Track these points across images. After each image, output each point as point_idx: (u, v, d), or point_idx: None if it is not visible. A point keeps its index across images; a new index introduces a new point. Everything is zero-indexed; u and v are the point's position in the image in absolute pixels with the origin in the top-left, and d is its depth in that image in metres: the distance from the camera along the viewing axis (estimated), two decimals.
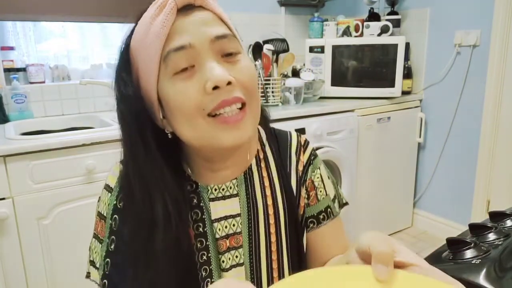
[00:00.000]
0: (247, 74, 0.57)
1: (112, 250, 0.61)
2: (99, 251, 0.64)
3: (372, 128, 2.33)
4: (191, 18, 0.55)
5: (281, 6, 2.61)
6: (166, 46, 0.54)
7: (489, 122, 2.26)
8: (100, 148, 1.58)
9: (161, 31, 0.53)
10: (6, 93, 1.87)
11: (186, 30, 0.54)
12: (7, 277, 1.48)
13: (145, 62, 0.56)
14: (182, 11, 0.55)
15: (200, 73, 0.54)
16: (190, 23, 0.54)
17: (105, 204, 0.65)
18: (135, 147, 0.58)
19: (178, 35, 0.54)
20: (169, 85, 0.55)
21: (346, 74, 2.45)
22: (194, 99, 0.53)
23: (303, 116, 2.07)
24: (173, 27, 0.54)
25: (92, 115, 2.06)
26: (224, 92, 0.53)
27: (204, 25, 0.55)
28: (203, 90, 0.53)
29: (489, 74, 2.22)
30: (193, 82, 0.54)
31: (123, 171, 0.62)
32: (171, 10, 0.53)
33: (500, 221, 0.89)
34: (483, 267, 0.73)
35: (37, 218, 1.51)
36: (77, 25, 2.23)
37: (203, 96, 0.53)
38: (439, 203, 2.62)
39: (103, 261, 0.62)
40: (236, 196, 0.66)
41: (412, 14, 2.57)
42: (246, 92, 0.56)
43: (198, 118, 0.54)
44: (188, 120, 0.55)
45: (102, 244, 0.63)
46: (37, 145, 1.46)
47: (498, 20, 2.14)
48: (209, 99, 0.53)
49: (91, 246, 0.66)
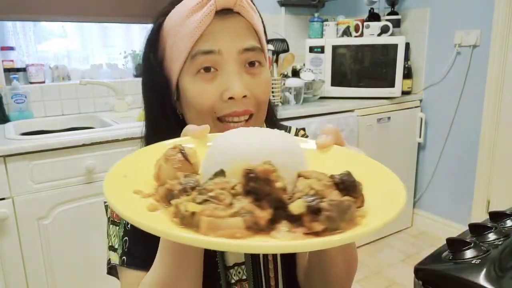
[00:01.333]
0: (263, 89, 0.61)
1: (129, 228, 0.63)
2: (117, 233, 0.65)
3: (372, 128, 2.33)
4: (226, 24, 0.57)
5: (281, 6, 2.61)
6: (196, 46, 0.57)
7: (489, 122, 2.26)
8: (100, 148, 1.58)
9: (195, 31, 0.56)
10: (6, 93, 1.87)
11: (219, 36, 0.57)
12: (7, 277, 1.48)
13: (173, 50, 0.59)
14: (219, 14, 0.57)
15: (221, 79, 0.58)
16: (224, 30, 0.57)
17: None
18: (156, 119, 0.63)
19: (210, 38, 0.57)
20: (191, 81, 0.58)
21: (346, 74, 2.45)
22: (210, 101, 0.57)
23: (303, 116, 2.07)
24: (207, 28, 0.56)
25: (92, 115, 2.06)
26: (238, 103, 0.57)
27: (236, 35, 0.58)
28: (219, 96, 0.57)
29: (489, 74, 2.22)
30: (213, 86, 0.57)
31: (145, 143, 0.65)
32: (209, 13, 0.56)
33: (500, 221, 0.89)
34: (483, 267, 0.73)
35: (37, 218, 1.51)
36: (77, 25, 2.23)
37: (218, 102, 0.58)
38: (439, 203, 2.62)
39: (121, 241, 0.63)
40: None
41: (412, 14, 2.57)
42: (257, 105, 0.60)
43: (208, 118, 0.58)
44: (199, 117, 0.59)
45: (119, 226, 0.65)
46: (37, 145, 1.46)
47: (498, 20, 2.14)
48: (222, 106, 0.58)
49: (109, 232, 0.67)
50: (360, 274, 2.22)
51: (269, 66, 2.12)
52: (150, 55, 0.62)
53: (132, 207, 0.36)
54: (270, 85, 0.64)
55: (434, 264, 0.81)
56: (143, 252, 0.60)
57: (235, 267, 0.67)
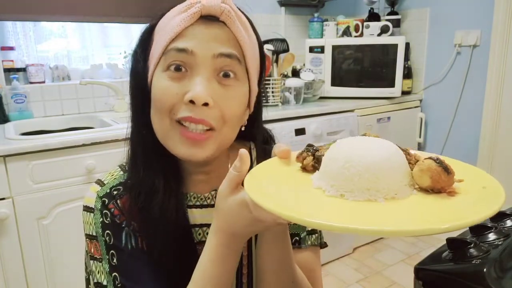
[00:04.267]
0: (232, 104, 0.58)
1: (115, 263, 0.60)
2: (102, 269, 0.62)
3: (372, 128, 2.33)
4: (208, 29, 0.56)
5: (281, 6, 2.61)
6: (172, 43, 0.56)
7: (489, 122, 2.26)
8: (100, 148, 1.58)
9: (175, 28, 0.55)
10: (6, 93, 1.87)
11: (196, 37, 0.55)
12: (7, 277, 1.48)
13: (155, 47, 0.59)
14: (204, 19, 0.56)
15: (187, 81, 0.56)
16: (203, 33, 0.55)
17: (90, 225, 0.63)
18: (139, 121, 0.62)
19: (187, 38, 0.55)
20: (159, 77, 0.57)
21: (346, 74, 2.45)
22: (170, 101, 0.56)
23: (303, 116, 2.07)
24: (187, 29, 0.55)
25: (92, 115, 2.06)
26: (197, 109, 0.55)
27: (215, 40, 0.56)
28: (181, 97, 0.55)
29: (489, 74, 2.22)
30: (177, 86, 0.56)
31: (130, 146, 0.64)
32: (193, 15, 0.55)
33: (500, 221, 0.89)
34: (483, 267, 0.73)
35: (37, 218, 1.51)
36: (77, 25, 2.23)
37: (179, 103, 0.55)
38: None
39: (109, 277, 0.60)
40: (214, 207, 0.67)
41: (412, 14, 2.57)
42: (221, 120, 0.57)
43: (166, 117, 0.57)
44: (159, 114, 0.57)
45: (102, 262, 0.61)
46: (37, 145, 1.46)
47: (498, 20, 2.14)
48: (181, 108, 0.55)
49: (92, 269, 0.63)
50: (360, 274, 2.22)
51: (269, 66, 2.14)
52: (137, 52, 0.61)
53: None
54: (242, 102, 0.59)
55: (434, 264, 0.81)
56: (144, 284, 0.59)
57: (203, 228, 0.66)
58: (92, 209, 0.63)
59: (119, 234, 0.61)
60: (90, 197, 0.64)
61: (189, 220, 0.65)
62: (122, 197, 0.62)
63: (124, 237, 0.61)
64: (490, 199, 0.41)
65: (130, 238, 0.61)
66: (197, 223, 0.65)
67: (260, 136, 0.71)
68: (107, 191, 0.63)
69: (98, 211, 0.62)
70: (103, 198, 0.62)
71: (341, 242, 2.34)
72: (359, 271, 2.25)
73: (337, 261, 2.35)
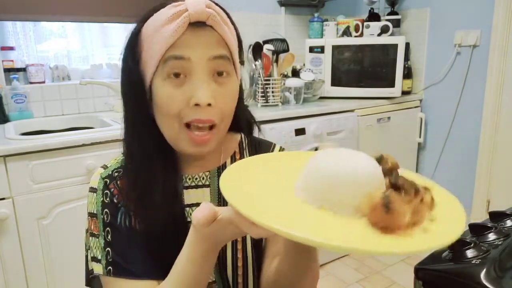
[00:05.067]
0: (228, 100, 0.65)
1: (110, 240, 0.67)
2: (98, 245, 0.67)
3: (372, 128, 2.33)
4: (198, 36, 0.60)
5: (281, 6, 2.61)
6: (169, 51, 0.60)
7: (489, 122, 2.26)
8: (100, 148, 1.58)
9: (169, 39, 0.59)
10: (6, 93, 1.87)
11: (190, 45, 0.60)
12: (7, 277, 1.48)
13: (148, 54, 0.62)
14: (193, 26, 0.60)
15: (189, 85, 0.61)
16: (196, 41, 0.60)
17: (92, 204, 0.70)
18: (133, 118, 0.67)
19: (182, 46, 0.60)
20: (161, 85, 0.62)
21: (346, 74, 2.45)
22: (177, 107, 0.61)
23: (303, 116, 2.07)
24: (180, 38, 0.60)
25: (92, 115, 2.06)
26: (202, 110, 0.61)
27: (206, 46, 0.61)
28: (186, 102, 0.61)
29: (489, 74, 2.22)
30: (181, 91, 0.61)
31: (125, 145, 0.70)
32: (183, 24, 0.59)
33: (500, 221, 0.89)
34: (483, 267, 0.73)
35: (37, 218, 1.51)
36: (77, 25, 2.23)
37: (185, 107, 0.61)
38: None
39: (103, 252, 0.66)
40: (208, 187, 0.73)
41: (412, 14, 2.57)
42: (221, 115, 0.64)
43: (174, 122, 0.63)
44: (167, 119, 0.63)
45: (99, 238, 0.68)
46: (37, 145, 1.46)
47: (498, 20, 2.14)
48: (189, 112, 0.61)
49: (89, 244, 0.69)
50: (360, 274, 2.22)
51: (269, 66, 2.14)
52: (128, 56, 0.65)
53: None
54: (236, 97, 0.67)
55: (434, 264, 0.81)
56: (125, 259, 0.64)
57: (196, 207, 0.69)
58: (95, 190, 0.70)
59: (116, 213, 0.67)
60: (94, 179, 0.71)
61: (184, 201, 0.70)
62: (122, 178, 0.69)
63: (119, 216, 0.67)
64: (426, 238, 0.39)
65: (125, 218, 0.67)
66: (192, 203, 0.71)
67: (243, 119, 0.76)
68: (109, 172, 0.71)
69: (100, 191, 0.69)
70: (105, 179, 0.70)
71: None
72: (359, 271, 2.25)
73: (337, 261, 2.35)
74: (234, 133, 0.77)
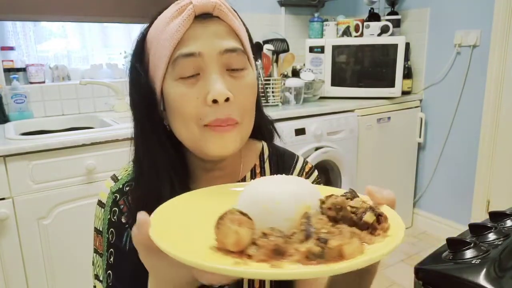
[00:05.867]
0: (247, 93, 0.59)
1: (112, 262, 0.63)
2: (101, 265, 0.65)
3: (372, 128, 2.33)
4: (206, 28, 0.56)
5: (281, 6, 2.61)
6: (177, 50, 0.56)
7: (489, 122, 2.26)
8: (100, 148, 1.58)
9: (175, 35, 0.55)
10: (6, 93, 1.87)
11: (199, 38, 0.56)
12: (7, 277, 1.48)
13: (155, 57, 0.58)
14: (199, 18, 0.56)
15: (203, 82, 0.56)
16: (204, 33, 0.56)
17: (99, 219, 0.66)
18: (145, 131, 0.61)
19: (190, 41, 0.56)
20: (173, 86, 0.57)
21: (346, 74, 2.45)
22: (194, 106, 0.56)
23: (303, 116, 2.07)
24: (187, 32, 0.56)
25: (92, 115, 2.06)
26: (221, 108, 0.56)
27: (216, 37, 0.56)
28: (203, 100, 0.56)
29: (489, 74, 2.22)
30: (195, 90, 0.56)
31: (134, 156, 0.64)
32: (188, 17, 0.55)
33: (500, 221, 0.89)
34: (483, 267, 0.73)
35: (37, 218, 1.51)
36: (77, 25, 2.23)
37: (202, 106, 0.56)
38: (439, 203, 2.62)
39: (105, 274, 0.64)
40: None
41: (412, 14, 2.57)
42: (242, 110, 0.58)
43: (193, 125, 0.57)
44: (185, 123, 0.58)
45: (102, 258, 0.65)
46: (37, 145, 1.46)
47: (498, 20, 2.14)
48: (207, 111, 0.56)
49: (93, 261, 0.67)
50: None
51: (269, 66, 2.14)
52: (135, 64, 0.61)
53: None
54: (255, 88, 0.61)
55: (434, 264, 0.81)
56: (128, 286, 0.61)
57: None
58: (103, 205, 0.66)
59: (122, 234, 0.63)
60: (104, 192, 0.67)
61: None
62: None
63: (125, 237, 0.63)
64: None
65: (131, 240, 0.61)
66: None
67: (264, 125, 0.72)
68: (120, 186, 0.66)
69: (108, 207, 0.65)
70: (115, 193, 0.65)
71: None
72: None
73: None
74: (255, 141, 0.72)
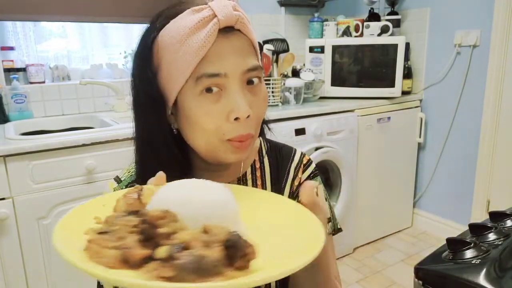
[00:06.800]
0: (263, 107, 0.62)
1: None
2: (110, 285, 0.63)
3: (372, 128, 2.33)
4: (230, 43, 0.56)
5: (281, 6, 2.61)
6: (201, 67, 0.55)
7: (489, 122, 2.26)
8: (100, 148, 1.58)
9: (199, 51, 0.54)
10: (6, 93, 1.87)
11: (223, 56, 0.56)
12: (7, 277, 1.48)
13: (172, 67, 0.57)
14: (222, 32, 0.56)
15: (226, 99, 0.57)
16: (228, 50, 0.56)
17: None
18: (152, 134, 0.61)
19: (215, 59, 0.55)
20: (195, 100, 0.57)
21: (346, 74, 2.45)
22: (216, 123, 0.57)
23: (303, 116, 2.07)
24: (211, 49, 0.55)
25: (92, 115, 2.06)
26: (242, 124, 0.57)
27: (240, 54, 0.57)
28: (225, 117, 0.57)
29: (489, 74, 2.22)
30: (218, 107, 0.57)
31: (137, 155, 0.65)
32: (213, 32, 0.54)
33: (500, 221, 0.89)
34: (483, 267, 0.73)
35: (37, 218, 1.51)
36: (77, 25, 2.23)
37: (225, 122, 0.57)
38: (439, 203, 2.62)
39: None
40: None
41: (412, 14, 2.57)
42: (257, 124, 0.61)
43: (215, 138, 0.58)
44: (205, 136, 0.58)
45: None
46: (37, 145, 1.46)
47: (498, 20, 2.14)
48: (229, 127, 0.57)
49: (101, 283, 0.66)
50: (360, 274, 2.22)
51: (269, 66, 2.14)
52: (145, 69, 0.59)
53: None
54: (267, 101, 0.64)
55: (434, 264, 0.81)
56: None
57: None
58: None
59: None
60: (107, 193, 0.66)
61: None
62: None
63: None
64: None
65: None
66: None
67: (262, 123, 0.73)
68: (123, 187, 0.66)
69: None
70: None
71: (341, 242, 2.34)
72: (359, 271, 2.25)
73: (337, 261, 2.34)
74: None
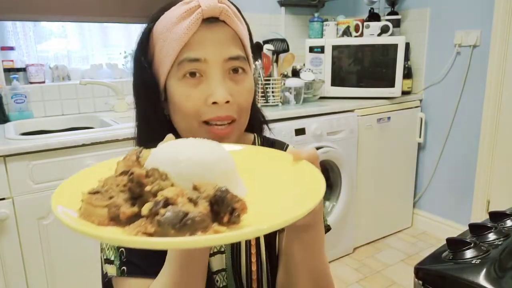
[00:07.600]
0: (246, 96, 0.64)
1: None
2: (111, 246, 0.64)
3: (372, 128, 2.33)
4: (212, 32, 0.60)
5: (281, 6, 2.61)
6: (183, 52, 0.59)
7: (489, 122, 2.26)
8: (100, 148, 1.58)
9: (182, 37, 0.59)
10: (6, 93, 1.87)
11: (205, 44, 0.59)
12: (7, 277, 1.48)
13: (161, 54, 0.62)
14: (206, 22, 0.59)
15: (205, 84, 0.60)
16: (210, 38, 0.60)
17: None
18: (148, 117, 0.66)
19: (196, 46, 0.59)
20: (177, 85, 0.61)
21: (346, 74, 2.45)
22: (194, 105, 0.60)
23: (303, 116, 2.07)
24: (193, 36, 0.59)
25: (92, 115, 2.06)
26: (221, 108, 0.60)
27: (221, 44, 0.60)
28: (204, 100, 0.60)
29: (489, 74, 2.22)
30: (198, 91, 0.60)
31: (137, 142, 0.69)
32: (196, 21, 0.58)
33: (500, 221, 0.89)
34: (483, 267, 0.73)
35: (37, 218, 1.51)
36: (77, 25, 2.23)
37: (203, 106, 0.60)
38: (439, 203, 2.62)
39: (117, 253, 0.63)
40: None
41: (412, 14, 2.57)
42: (239, 110, 0.63)
43: (193, 121, 0.61)
44: (185, 119, 0.62)
45: None
46: (37, 145, 1.46)
47: (498, 20, 2.14)
48: (207, 110, 0.60)
49: (102, 246, 0.66)
50: (360, 274, 2.22)
51: (269, 66, 2.14)
52: (141, 57, 0.64)
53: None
54: (252, 93, 0.66)
55: (434, 264, 0.81)
56: (142, 260, 0.60)
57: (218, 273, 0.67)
58: None
59: None
60: None
61: None
62: None
63: None
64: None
65: None
66: None
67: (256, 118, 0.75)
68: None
69: None
70: None
71: (341, 242, 2.34)
72: (359, 271, 2.25)
73: (337, 261, 2.35)
74: (247, 133, 0.75)
